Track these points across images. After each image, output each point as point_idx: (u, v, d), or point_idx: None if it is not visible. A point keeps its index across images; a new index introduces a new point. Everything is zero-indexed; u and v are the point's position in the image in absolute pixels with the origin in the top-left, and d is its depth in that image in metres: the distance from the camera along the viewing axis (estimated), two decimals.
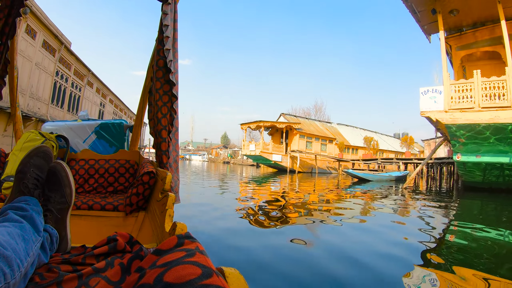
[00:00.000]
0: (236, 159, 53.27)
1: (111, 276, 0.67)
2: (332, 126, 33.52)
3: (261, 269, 2.32)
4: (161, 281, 0.41)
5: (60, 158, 2.26)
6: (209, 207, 5.24)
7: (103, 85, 21.86)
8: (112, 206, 1.73)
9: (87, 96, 18.89)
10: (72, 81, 16.35)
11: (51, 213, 0.98)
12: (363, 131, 35.90)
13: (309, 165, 26.10)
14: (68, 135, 3.10)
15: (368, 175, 15.54)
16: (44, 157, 1.03)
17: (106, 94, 23.29)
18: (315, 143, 28.17)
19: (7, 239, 0.62)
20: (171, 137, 1.84)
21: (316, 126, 30.97)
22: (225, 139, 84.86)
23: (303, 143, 27.19)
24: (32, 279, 0.69)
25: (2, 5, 1.90)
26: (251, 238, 3.26)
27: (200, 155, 65.38)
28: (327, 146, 29.01)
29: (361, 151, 31.16)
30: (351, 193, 8.97)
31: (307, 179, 15.45)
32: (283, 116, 30.10)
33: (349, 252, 2.90)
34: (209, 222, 3.88)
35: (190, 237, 0.56)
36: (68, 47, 14.81)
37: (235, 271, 0.48)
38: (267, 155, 25.03)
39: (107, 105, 23.57)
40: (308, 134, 27.76)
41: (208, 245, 2.81)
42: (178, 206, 2.39)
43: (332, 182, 14.20)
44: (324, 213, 5.09)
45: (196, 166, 29.21)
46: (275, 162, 25.33)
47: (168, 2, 1.74)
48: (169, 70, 1.72)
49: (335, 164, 27.54)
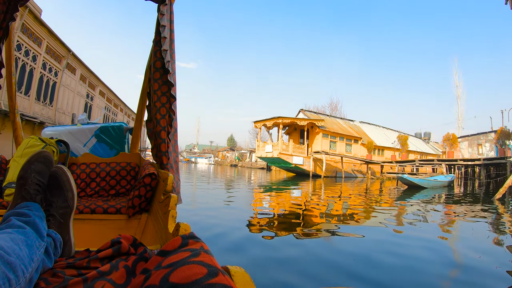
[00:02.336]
0: (244, 162, 50.48)
1: (116, 279, 0.67)
2: (355, 125, 29.47)
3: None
4: (167, 282, 0.41)
5: (61, 162, 2.26)
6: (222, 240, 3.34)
7: (90, 72, 17.55)
8: (114, 209, 1.73)
9: (67, 83, 14.85)
10: (44, 62, 12.31)
11: (54, 218, 0.98)
12: (386, 130, 32.28)
13: (332, 169, 22.67)
14: (68, 139, 3.10)
15: (423, 180, 13.75)
16: (45, 162, 1.02)
17: (95, 84, 19.24)
18: (340, 143, 24.59)
19: (10, 245, 0.61)
20: (170, 138, 1.84)
21: (339, 125, 27.03)
22: (231, 142, 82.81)
23: (326, 143, 23.60)
24: (37, 284, 0.69)
25: None
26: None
27: (206, 157, 63.51)
28: (352, 146, 25.57)
29: (388, 152, 27.77)
30: (423, 208, 6.75)
31: (336, 185, 13.54)
32: (302, 113, 26.01)
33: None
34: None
35: (194, 237, 0.56)
36: (36, 14, 10.92)
37: (241, 269, 0.48)
38: (286, 157, 21.36)
39: (96, 98, 19.49)
40: (332, 133, 24.08)
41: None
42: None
43: (374, 188, 12.27)
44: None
45: (203, 170, 27.02)
46: (295, 165, 21.72)
47: (165, 3, 1.73)
48: (167, 71, 1.71)
49: (362, 167, 24.31)
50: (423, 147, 33.58)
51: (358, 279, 2.39)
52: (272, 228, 4.11)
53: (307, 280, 2.32)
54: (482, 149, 25.87)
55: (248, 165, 45.51)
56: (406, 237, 3.96)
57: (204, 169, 28.46)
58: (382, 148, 27.68)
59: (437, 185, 14.18)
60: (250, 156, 52.26)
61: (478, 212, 6.39)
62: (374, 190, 11.91)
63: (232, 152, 64.21)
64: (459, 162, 17.76)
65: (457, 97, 39.01)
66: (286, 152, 21.55)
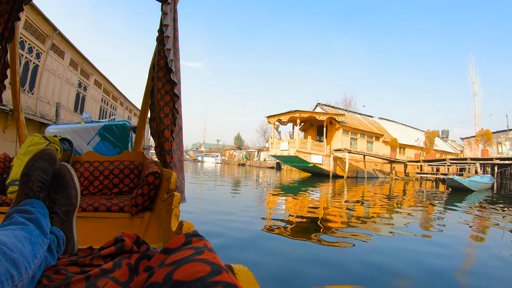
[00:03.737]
0: (252, 161, 48.51)
1: (119, 277, 0.67)
2: (374, 121, 27.33)
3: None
4: (170, 280, 0.40)
5: (64, 160, 2.27)
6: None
7: (82, 58, 15.40)
8: (117, 207, 1.74)
9: (53, 67, 12.76)
10: (23, 39, 10.65)
11: (57, 216, 0.98)
12: (405, 127, 30.52)
13: (353, 168, 20.45)
14: (72, 137, 3.12)
15: (472, 183, 12.45)
16: (48, 160, 1.02)
17: (90, 73, 16.96)
18: (361, 141, 22.48)
19: (14, 242, 0.61)
20: (175, 137, 1.83)
21: (359, 120, 24.84)
22: (238, 140, 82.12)
23: (346, 141, 21.49)
24: (40, 281, 0.69)
25: (2, 10, 1.90)
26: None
27: (213, 156, 62.33)
28: (373, 144, 23.47)
29: (410, 151, 25.83)
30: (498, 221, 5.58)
31: (359, 187, 12.51)
32: (320, 107, 24.10)
33: None
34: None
35: (197, 235, 0.55)
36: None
37: (244, 267, 0.47)
38: (304, 156, 19.18)
39: (90, 88, 17.27)
40: (353, 129, 21.93)
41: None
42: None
43: (410, 191, 10.97)
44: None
45: (210, 169, 25.73)
46: (314, 165, 19.63)
47: (168, 2, 1.73)
48: (170, 69, 1.71)
49: (384, 167, 22.39)
50: (442, 145, 31.93)
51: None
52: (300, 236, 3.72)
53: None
54: (502, 148, 24.60)
55: (257, 164, 44.09)
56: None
57: (211, 169, 27.11)
58: (404, 146, 25.92)
59: (484, 187, 13.18)
60: (259, 155, 51.38)
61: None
62: (410, 193, 10.54)
63: (239, 151, 63.34)
64: (495, 162, 16.09)
65: (474, 94, 36.67)
66: (304, 150, 19.33)
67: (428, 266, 2.88)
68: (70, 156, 2.28)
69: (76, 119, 15.25)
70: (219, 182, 12.09)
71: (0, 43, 1.92)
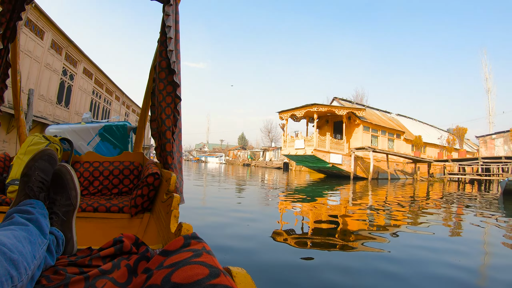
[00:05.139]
0: (257, 161, 47.18)
1: (117, 278, 0.67)
2: (393, 118, 25.10)
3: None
4: (169, 282, 0.41)
5: (64, 161, 2.27)
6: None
7: (68, 41, 13.13)
8: (117, 208, 1.74)
9: (28, 48, 10.76)
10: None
11: (56, 216, 0.98)
12: (423, 125, 28.41)
13: (374, 169, 18.05)
14: (72, 138, 3.12)
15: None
16: (48, 160, 1.03)
17: (77, 59, 14.66)
18: (382, 138, 20.40)
19: (13, 242, 0.61)
20: (175, 138, 1.84)
21: (378, 117, 22.49)
22: (242, 140, 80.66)
23: (367, 138, 19.39)
24: (39, 282, 0.69)
25: (4, 10, 1.91)
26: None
27: (217, 156, 60.79)
28: (394, 142, 21.46)
29: (430, 150, 23.97)
30: None
31: (382, 188, 11.23)
32: (337, 101, 22.28)
33: None
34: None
35: (196, 237, 0.55)
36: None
37: (242, 270, 0.47)
38: (322, 155, 17.11)
39: (78, 77, 14.82)
40: (374, 126, 19.84)
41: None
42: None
43: (452, 196, 9.44)
44: None
45: (214, 169, 24.27)
46: (333, 165, 17.57)
47: (170, 3, 1.74)
48: (173, 71, 1.72)
49: (406, 167, 20.49)
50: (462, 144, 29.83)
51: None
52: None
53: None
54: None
55: (263, 164, 42.30)
56: None
57: (216, 169, 25.09)
58: (424, 145, 23.99)
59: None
60: (264, 155, 50.51)
61: None
62: (451, 198, 8.95)
63: (243, 151, 62.20)
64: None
65: (487, 91, 34.87)
66: (322, 148, 17.17)
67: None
68: (70, 156, 2.28)
69: (59, 112, 13.44)
70: (226, 185, 10.81)
71: (2, 42, 1.92)
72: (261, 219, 4.72)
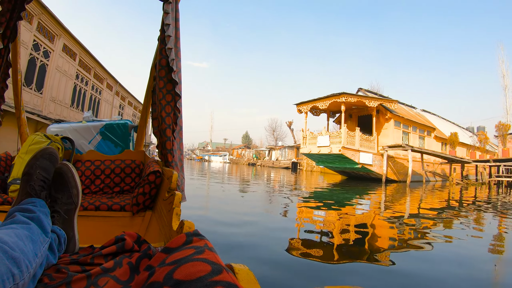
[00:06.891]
0: (263, 161, 44.41)
1: (120, 276, 0.67)
2: (419, 113, 22.34)
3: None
4: (171, 279, 0.40)
5: (66, 159, 2.27)
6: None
7: (41, 6, 10.09)
8: (119, 206, 1.74)
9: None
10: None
11: (58, 214, 0.98)
12: (448, 123, 25.98)
13: (404, 170, 15.98)
14: (73, 136, 3.13)
15: None
16: (50, 158, 1.03)
17: (55, 33, 11.49)
18: (413, 135, 17.90)
19: (15, 241, 0.61)
20: (175, 136, 1.84)
21: (407, 112, 19.84)
22: (246, 139, 79.34)
23: (398, 135, 16.81)
24: (41, 280, 0.69)
25: (4, 9, 1.91)
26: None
27: (221, 155, 59.27)
28: (425, 140, 19.02)
29: (460, 150, 21.39)
30: None
31: (434, 194, 9.28)
32: (363, 92, 19.78)
33: None
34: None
35: (198, 234, 0.55)
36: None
37: (245, 267, 0.47)
38: (351, 154, 14.58)
39: (55, 55, 11.77)
40: (405, 121, 17.32)
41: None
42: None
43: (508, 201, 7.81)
44: None
45: (219, 169, 23.02)
46: (362, 166, 15.00)
47: (169, 1, 1.73)
48: (172, 69, 1.72)
49: (437, 168, 17.90)
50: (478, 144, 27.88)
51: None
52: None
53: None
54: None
55: (269, 164, 39.65)
56: None
57: (220, 169, 23.57)
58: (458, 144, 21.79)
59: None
60: (270, 154, 49.13)
61: None
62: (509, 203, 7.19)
63: (248, 150, 60.42)
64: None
65: (504, 88, 32.47)
66: (352, 146, 14.63)
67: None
68: (72, 155, 2.28)
69: (27, 97, 10.25)
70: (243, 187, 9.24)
71: (3, 42, 1.92)
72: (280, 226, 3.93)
